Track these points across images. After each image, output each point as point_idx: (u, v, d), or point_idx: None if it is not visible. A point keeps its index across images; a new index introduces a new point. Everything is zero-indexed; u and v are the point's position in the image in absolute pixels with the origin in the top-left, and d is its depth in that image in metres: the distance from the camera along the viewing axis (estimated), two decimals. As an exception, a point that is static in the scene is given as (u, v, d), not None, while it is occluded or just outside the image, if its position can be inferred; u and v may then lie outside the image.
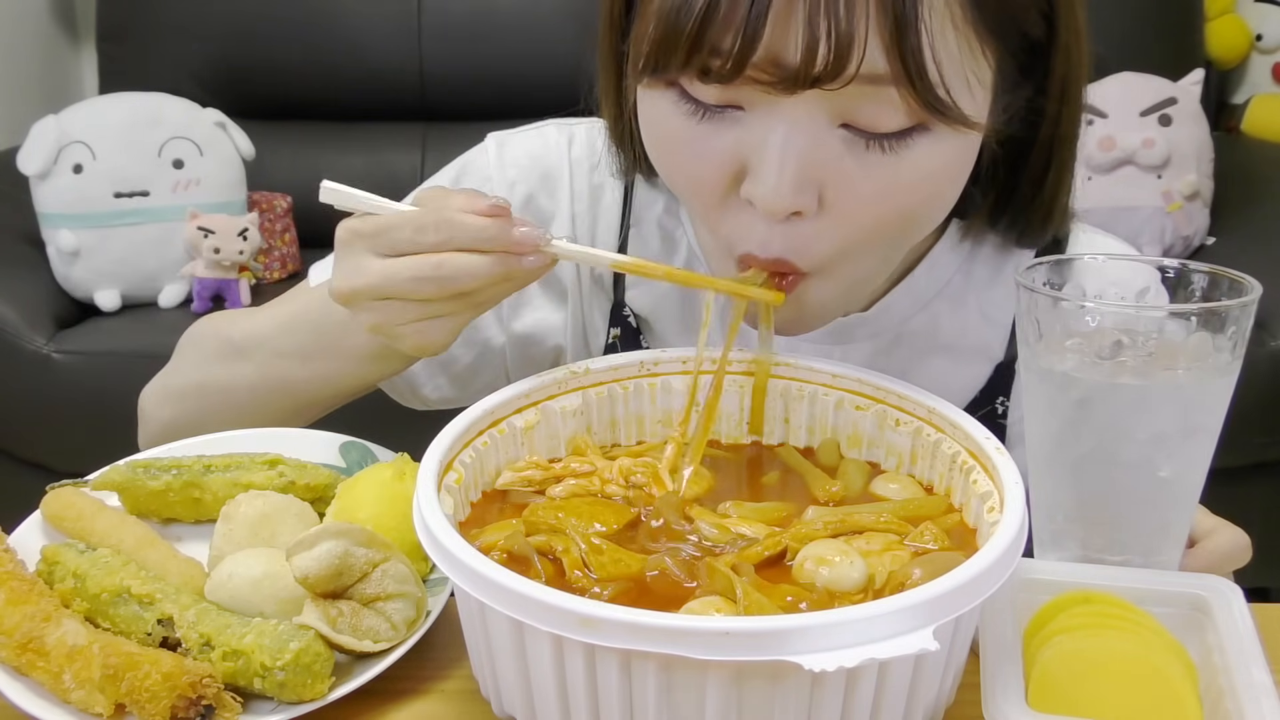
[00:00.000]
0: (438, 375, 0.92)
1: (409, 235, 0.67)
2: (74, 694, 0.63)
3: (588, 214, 0.89)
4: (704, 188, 0.70)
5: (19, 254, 2.16)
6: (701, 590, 0.58)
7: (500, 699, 0.59)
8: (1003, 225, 0.81)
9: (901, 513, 0.65)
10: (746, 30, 0.61)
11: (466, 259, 0.67)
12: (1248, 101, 2.63)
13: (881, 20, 0.60)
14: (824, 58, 0.60)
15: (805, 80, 0.61)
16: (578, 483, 0.69)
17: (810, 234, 0.68)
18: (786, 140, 0.64)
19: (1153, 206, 2.21)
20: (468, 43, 2.46)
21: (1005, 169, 0.76)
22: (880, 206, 0.67)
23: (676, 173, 0.72)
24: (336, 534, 0.65)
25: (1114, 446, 0.65)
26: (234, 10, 2.47)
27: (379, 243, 0.68)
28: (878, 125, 0.64)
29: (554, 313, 0.91)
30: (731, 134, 0.67)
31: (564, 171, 0.89)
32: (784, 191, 0.65)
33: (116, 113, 2.19)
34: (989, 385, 0.87)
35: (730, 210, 0.70)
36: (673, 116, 0.68)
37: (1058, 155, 0.76)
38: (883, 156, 0.65)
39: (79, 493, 0.79)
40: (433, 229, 0.67)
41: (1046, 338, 0.66)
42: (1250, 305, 0.63)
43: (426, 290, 0.67)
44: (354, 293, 0.69)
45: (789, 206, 0.66)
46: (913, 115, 0.64)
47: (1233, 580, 0.64)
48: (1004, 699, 0.55)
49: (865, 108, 0.63)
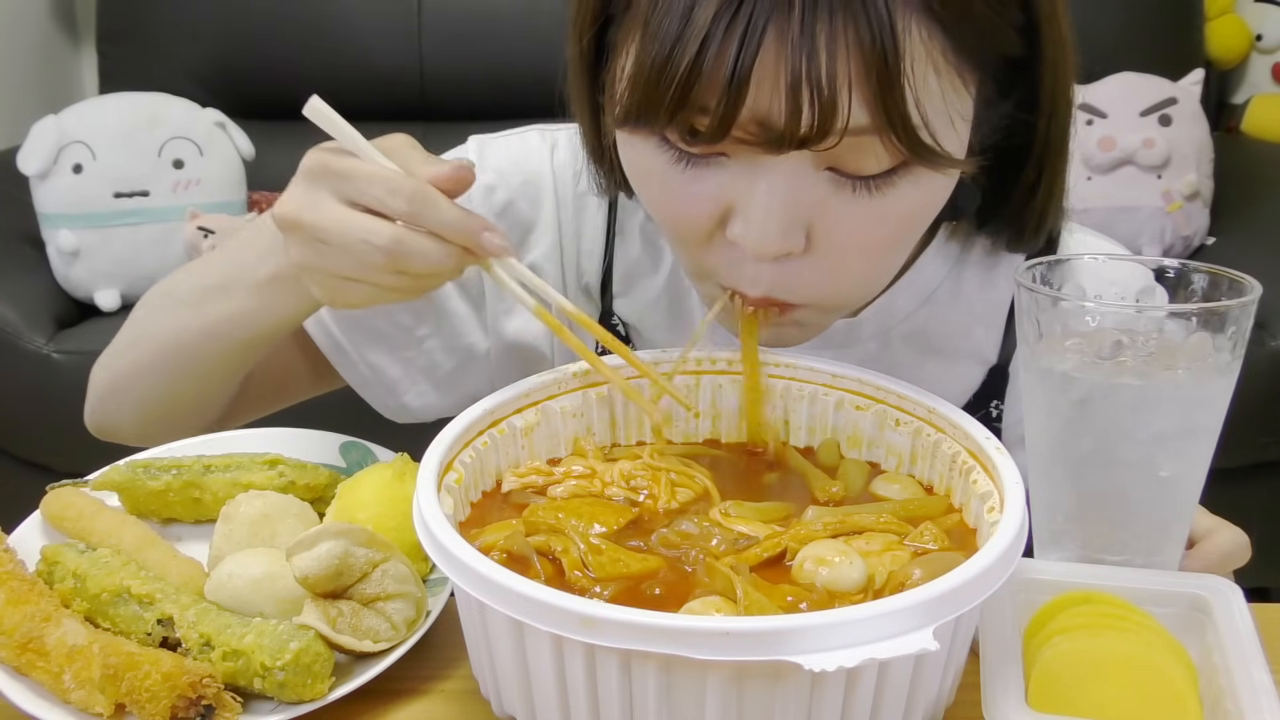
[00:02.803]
0: (420, 381, 0.91)
1: (379, 193, 0.64)
2: (74, 694, 0.63)
3: (572, 221, 0.88)
4: (688, 228, 0.69)
5: (19, 254, 2.16)
6: (701, 590, 0.58)
7: (500, 699, 0.59)
8: (992, 230, 0.81)
9: (901, 513, 0.65)
10: (730, 93, 0.60)
11: (425, 244, 0.65)
12: (1248, 101, 2.63)
13: (864, 77, 0.59)
14: (809, 122, 0.60)
15: (791, 142, 0.61)
16: (578, 483, 0.69)
17: (798, 271, 0.68)
18: (772, 187, 0.64)
19: (1153, 206, 2.21)
20: (468, 43, 2.46)
21: (995, 177, 0.75)
22: (867, 240, 0.67)
23: (660, 212, 0.72)
24: (336, 534, 0.65)
25: (1114, 446, 0.65)
26: (234, 10, 2.47)
27: (345, 187, 0.65)
28: (862, 169, 0.64)
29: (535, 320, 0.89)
30: (716, 179, 0.66)
31: (547, 179, 0.88)
32: (771, 236, 0.65)
33: (116, 113, 2.19)
34: (983, 389, 0.87)
35: (716, 246, 0.69)
36: (654, 162, 0.67)
37: (1049, 165, 0.75)
38: (869, 196, 0.65)
39: (79, 493, 0.79)
40: (406, 198, 0.64)
41: (1046, 338, 0.66)
42: (1250, 305, 0.63)
43: (373, 258, 0.64)
44: (298, 224, 0.66)
45: (777, 250, 0.66)
46: (896, 157, 0.63)
47: (1233, 580, 0.64)
48: (1004, 699, 0.55)
49: (850, 155, 0.63)
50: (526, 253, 0.88)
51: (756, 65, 0.59)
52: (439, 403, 0.92)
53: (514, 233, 0.88)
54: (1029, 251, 0.82)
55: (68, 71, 2.77)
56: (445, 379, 0.91)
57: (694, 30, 0.60)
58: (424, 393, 0.91)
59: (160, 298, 0.87)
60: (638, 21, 0.63)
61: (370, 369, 0.89)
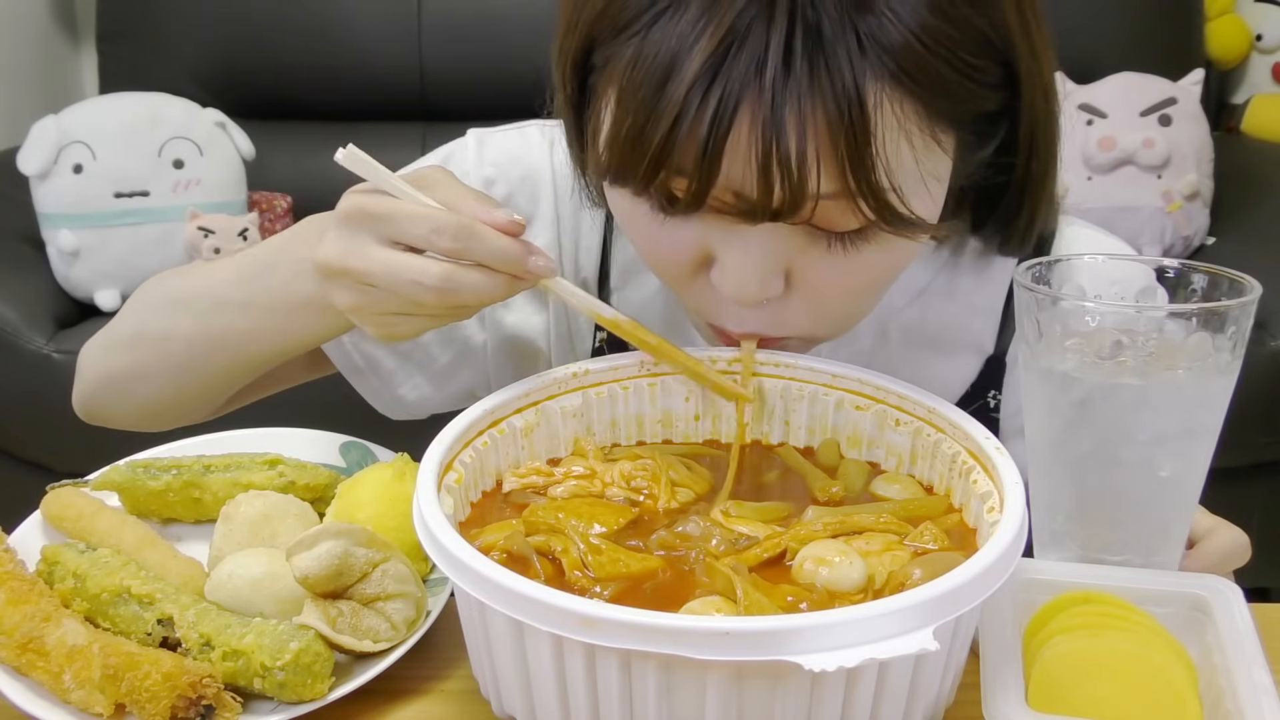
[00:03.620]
0: (415, 374, 0.90)
1: (424, 233, 0.64)
2: (74, 694, 0.63)
3: (571, 217, 0.88)
4: (672, 271, 0.71)
5: (19, 254, 2.16)
6: (701, 590, 0.58)
7: (500, 699, 0.59)
8: (982, 236, 0.81)
9: (901, 513, 0.65)
10: (703, 169, 0.60)
11: (476, 278, 0.65)
12: (1248, 101, 2.63)
13: (832, 151, 0.59)
14: (780, 198, 0.60)
15: (765, 214, 0.62)
16: (578, 483, 0.69)
17: (781, 310, 0.70)
18: (748, 243, 0.65)
19: (1153, 206, 2.21)
20: (468, 43, 2.46)
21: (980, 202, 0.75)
22: (844, 286, 0.69)
23: (644, 254, 0.73)
24: (336, 534, 0.65)
25: (1114, 446, 0.65)
26: (234, 10, 2.47)
27: (389, 229, 0.65)
28: (836, 225, 0.65)
29: (534, 315, 0.90)
30: (696, 229, 0.67)
31: (546, 174, 0.88)
32: (750, 286, 0.67)
33: (116, 113, 2.19)
34: (980, 379, 0.87)
35: (701, 286, 0.71)
36: (636, 210, 0.68)
37: (1031, 193, 0.74)
38: (843, 251, 0.66)
39: (79, 493, 0.79)
40: (451, 235, 0.64)
41: (1046, 338, 0.66)
42: (1250, 305, 0.63)
43: (425, 297, 0.65)
44: (345, 271, 0.66)
45: (756, 298, 0.67)
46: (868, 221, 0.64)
47: (1233, 580, 0.64)
48: (1004, 699, 0.55)
49: (824, 214, 0.63)
50: None
51: (729, 142, 0.59)
52: (434, 396, 0.91)
53: None
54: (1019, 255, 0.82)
55: (68, 71, 2.77)
56: (441, 371, 0.91)
57: (668, 105, 0.60)
58: (419, 385, 0.91)
59: (166, 300, 0.86)
60: (614, 81, 0.63)
61: (365, 359, 0.89)
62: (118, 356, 0.88)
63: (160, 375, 0.85)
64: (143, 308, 0.88)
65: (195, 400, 0.88)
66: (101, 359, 0.89)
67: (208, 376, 0.84)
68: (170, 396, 0.87)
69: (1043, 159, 0.72)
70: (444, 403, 0.92)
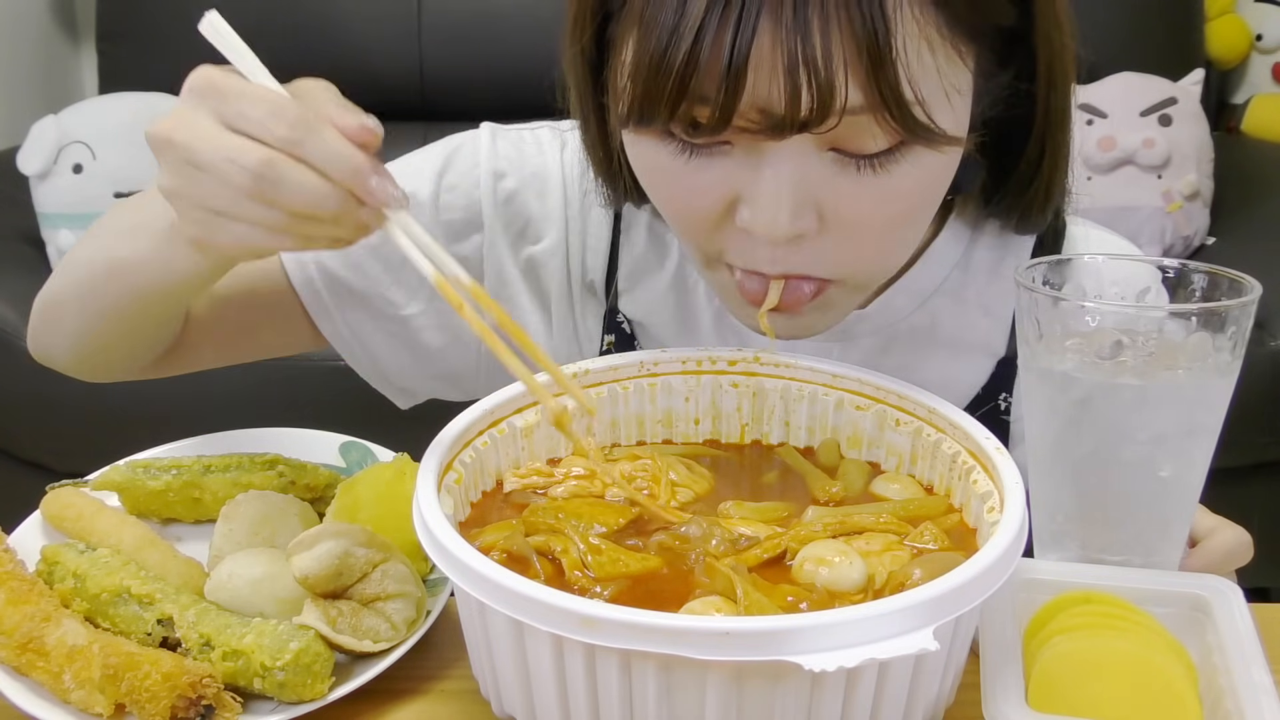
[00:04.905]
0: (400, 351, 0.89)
1: (259, 115, 0.59)
2: (74, 694, 0.63)
3: (579, 218, 0.88)
4: (698, 218, 0.70)
5: (19, 254, 2.16)
6: (701, 590, 0.58)
7: (500, 699, 0.59)
8: (1000, 209, 0.81)
9: (901, 513, 0.65)
10: (728, 82, 0.60)
11: (301, 173, 0.59)
12: (1248, 101, 2.63)
13: (857, 58, 0.60)
14: (808, 105, 0.60)
15: (793, 126, 0.61)
16: (578, 484, 0.69)
17: (816, 249, 0.68)
18: (778, 172, 0.65)
19: (1153, 206, 2.21)
20: (468, 43, 2.46)
21: (999, 151, 0.76)
22: (877, 217, 0.68)
23: (668, 206, 0.72)
24: (336, 534, 0.65)
25: (1114, 446, 0.65)
26: (234, 11, 2.46)
27: (225, 108, 0.60)
28: (864, 148, 0.64)
29: (533, 314, 0.90)
30: (722, 167, 0.67)
31: (557, 175, 0.88)
32: (782, 221, 0.65)
33: (116, 113, 2.19)
34: (991, 381, 0.87)
35: (729, 234, 0.70)
36: (660, 157, 0.68)
37: (1051, 138, 0.75)
38: (874, 175, 0.65)
39: (79, 493, 0.79)
40: (288, 123, 0.59)
41: (1046, 338, 0.66)
42: (1250, 305, 0.63)
43: (238, 179, 0.59)
44: (169, 143, 0.61)
45: (788, 232, 0.66)
46: (894, 136, 0.64)
47: (1234, 580, 0.64)
48: (1004, 699, 0.55)
49: (850, 135, 0.63)
50: (528, 244, 0.88)
51: (753, 52, 0.60)
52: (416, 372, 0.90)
53: (515, 223, 0.88)
54: (1037, 231, 0.83)
55: (68, 71, 2.77)
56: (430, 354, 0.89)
57: (689, 22, 0.60)
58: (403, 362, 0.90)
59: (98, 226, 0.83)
60: (634, 17, 0.63)
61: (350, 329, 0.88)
62: (53, 284, 0.84)
63: (74, 301, 0.81)
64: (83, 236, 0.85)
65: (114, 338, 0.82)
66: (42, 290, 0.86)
67: (110, 307, 0.79)
68: (89, 329, 0.82)
69: (1061, 92, 0.73)
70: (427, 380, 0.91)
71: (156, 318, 0.81)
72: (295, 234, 0.61)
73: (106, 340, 0.83)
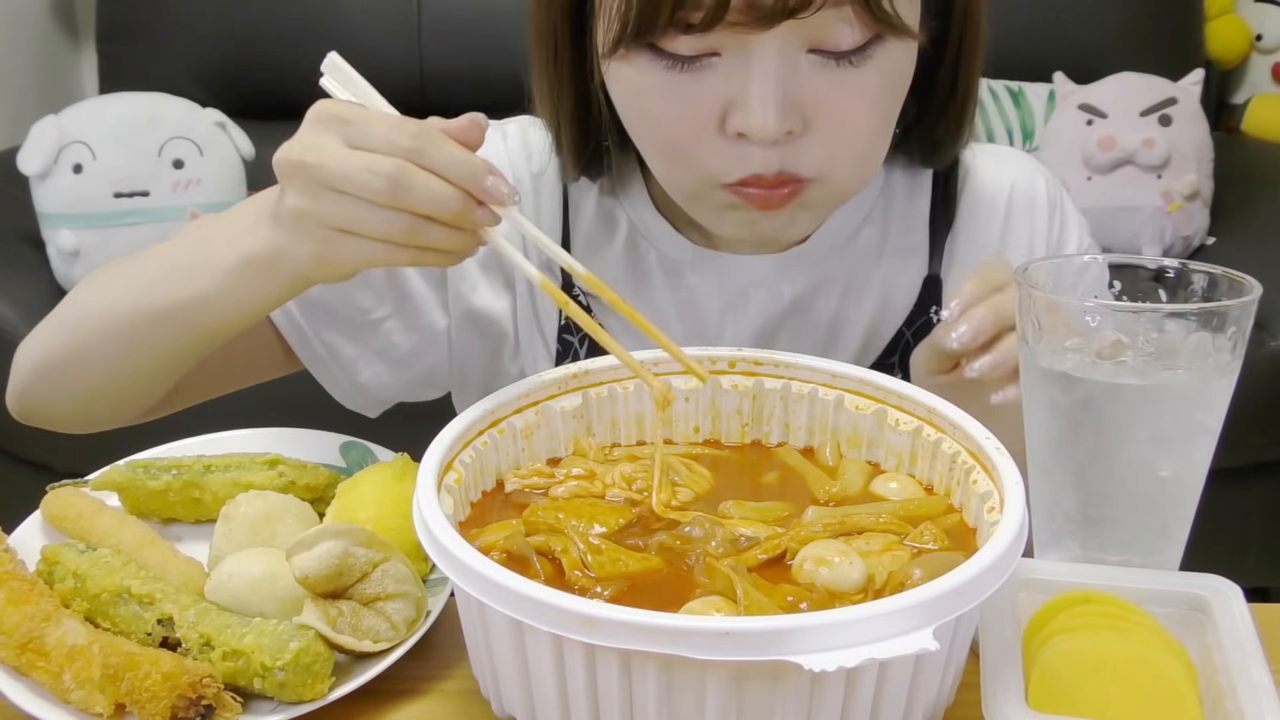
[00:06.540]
0: (375, 362, 0.91)
1: (382, 133, 0.65)
2: (74, 694, 0.63)
3: (530, 204, 0.92)
4: (691, 133, 0.74)
5: (19, 254, 2.16)
6: (701, 590, 0.58)
7: (500, 699, 0.59)
8: (914, 142, 0.88)
9: (901, 513, 0.65)
10: None
11: (428, 177, 0.65)
12: (1248, 101, 2.63)
13: None
14: None
15: (782, 13, 0.68)
16: (579, 484, 0.69)
17: (803, 147, 0.74)
18: (765, 72, 0.71)
19: (1153, 206, 2.21)
20: (468, 42, 2.46)
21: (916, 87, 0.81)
22: (856, 113, 0.75)
23: (661, 128, 0.76)
24: (336, 534, 0.65)
25: (1114, 446, 0.65)
26: (234, 10, 2.47)
27: (351, 131, 0.66)
28: (840, 44, 0.72)
29: (498, 298, 0.92)
30: (711, 79, 0.72)
31: (503, 163, 0.92)
32: (772, 118, 0.71)
33: (116, 113, 2.19)
34: (922, 296, 0.93)
35: (718, 148, 0.75)
36: (650, 76, 0.73)
37: (964, 67, 0.83)
38: (851, 70, 0.73)
39: (79, 493, 0.79)
40: (409, 135, 0.65)
41: (1047, 338, 0.66)
42: (1250, 305, 0.63)
43: (375, 186, 0.64)
44: (302, 165, 0.66)
45: (781, 129, 0.72)
46: (867, 30, 0.71)
47: (1232, 580, 0.64)
48: (1004, 699, 0.55)
49: (827, 31, 0.71)
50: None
51: None
52: (393, 382, 0.93)
53: None
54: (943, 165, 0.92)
55: (68, 71, 2.77)
56: (402, 359, 0.92)
57: None
58: (379, 373, 0.92)
59: (109, 278, 0.83)
60: None
61: (326, 347, 0.89)
62: (58, 339, 0.84)
63: (103, 355, 0.81)
64: (85, 290, 0.85)
65: (138, 386, 0.83)
66: (39, 346, 0.86)
67: (153, 354, 0.80)
68: (112, 381, 0.82)
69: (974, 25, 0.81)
70: (403, 387, 0.94)
71: (200, 356, 0.82)
72: (413, 245, 0.67)
73: (128, 390, 0.84)
